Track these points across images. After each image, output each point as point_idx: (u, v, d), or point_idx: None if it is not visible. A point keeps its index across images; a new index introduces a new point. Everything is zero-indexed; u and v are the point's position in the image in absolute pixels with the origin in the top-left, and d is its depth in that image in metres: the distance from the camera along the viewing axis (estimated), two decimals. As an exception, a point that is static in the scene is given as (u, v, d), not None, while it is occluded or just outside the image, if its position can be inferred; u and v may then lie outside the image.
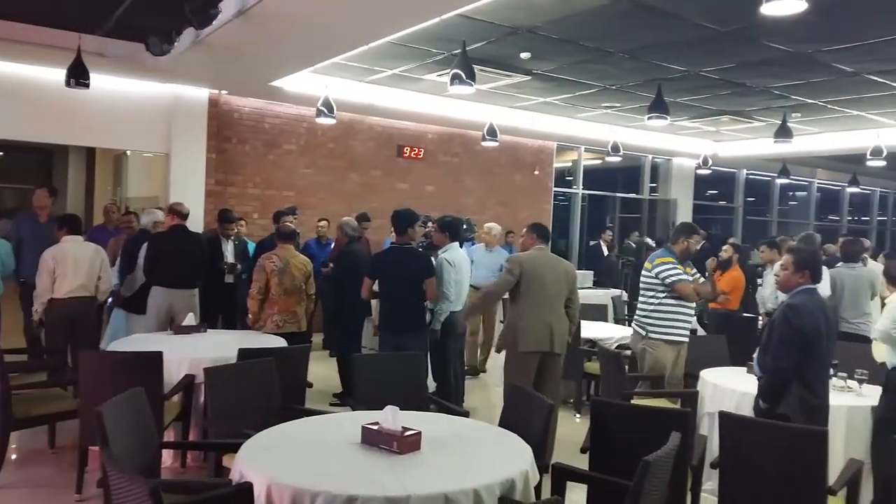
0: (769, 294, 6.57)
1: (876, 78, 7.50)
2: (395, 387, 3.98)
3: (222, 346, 4.69)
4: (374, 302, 6.87)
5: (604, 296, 9.13)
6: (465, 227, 7.83)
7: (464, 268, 5.78)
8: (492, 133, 9.41)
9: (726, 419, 3.22)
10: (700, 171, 13.23)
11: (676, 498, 3.09)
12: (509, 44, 6.78)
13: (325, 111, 7.96)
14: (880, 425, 3.97)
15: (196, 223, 8.36)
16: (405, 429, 2.83)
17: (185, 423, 4.33)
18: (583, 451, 3.43)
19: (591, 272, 11.38)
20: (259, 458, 2.66)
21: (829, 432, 3.05)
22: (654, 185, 14.44)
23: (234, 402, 3.65)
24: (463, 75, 6.13)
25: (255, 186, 9.55)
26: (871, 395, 4.18)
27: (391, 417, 2.86)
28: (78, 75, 6.51)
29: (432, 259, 5.58)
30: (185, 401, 4.31)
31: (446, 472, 2.62)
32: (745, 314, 7.38)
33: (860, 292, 6.26)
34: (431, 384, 5.36)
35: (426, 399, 4.17)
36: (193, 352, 4.55)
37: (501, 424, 3.41)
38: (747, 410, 4.09)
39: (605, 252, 11.91)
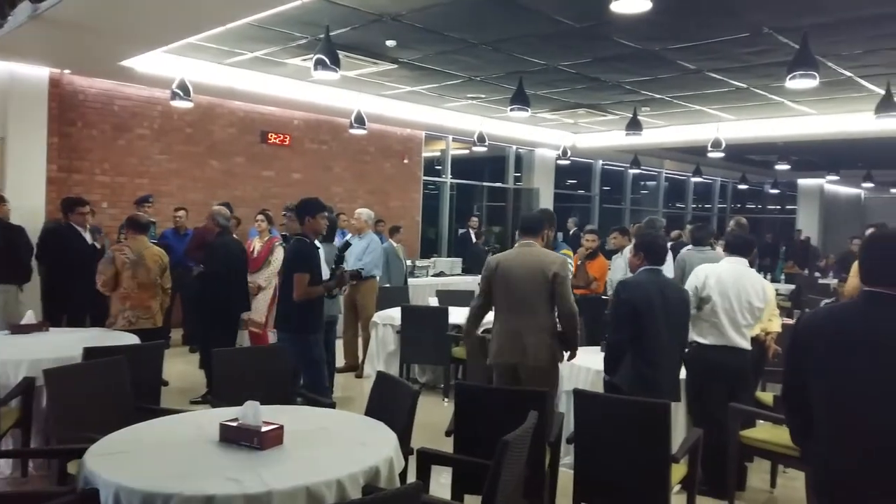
0: (618, 278, 6.97)
1: (715, 75, 8.12)
2: (258, 381, 3.87)
3: (66, 345, 4.37)
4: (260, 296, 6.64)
5: (472, 282, 9.34)
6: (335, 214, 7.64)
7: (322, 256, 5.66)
8: (359, 120, 9.33)
9: (579, 396, 3.40)
10: (560, 162, 13.81)
11: (535, 474, 3.22)
12: (374, 31, 6.73)
13: (181, 94, 7.56)
14: (688, 396, 4.38)
15: (36, 213, 7.72)
16: (266, 423, 2.77)
17: (26, 430, 4.00)
18: (447, 434, 3.49)
19: (460, 259, 11.66)
20: (106, 463, 2.50)
21: (670, 404, 3.28)
22: (518, 174, 14.91)
23: (80, 405, 3.41)
24: (327, 61, 6.03)
25: (104, 173, 8.90)
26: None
27: (251, 413, 2.78)
28: None
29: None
30: (25, 405, 3.98)
31: (309, 465, 2.58)
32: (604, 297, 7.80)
33: None
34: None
35: (291, 392, 4.09)
36: (33, 352, 4.21)
37: (368, 413, 3.41)
38: (601, 387, 4.34)
39: (473, 239, 12.21)
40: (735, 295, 4.29)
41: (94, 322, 6.20)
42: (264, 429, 2.73)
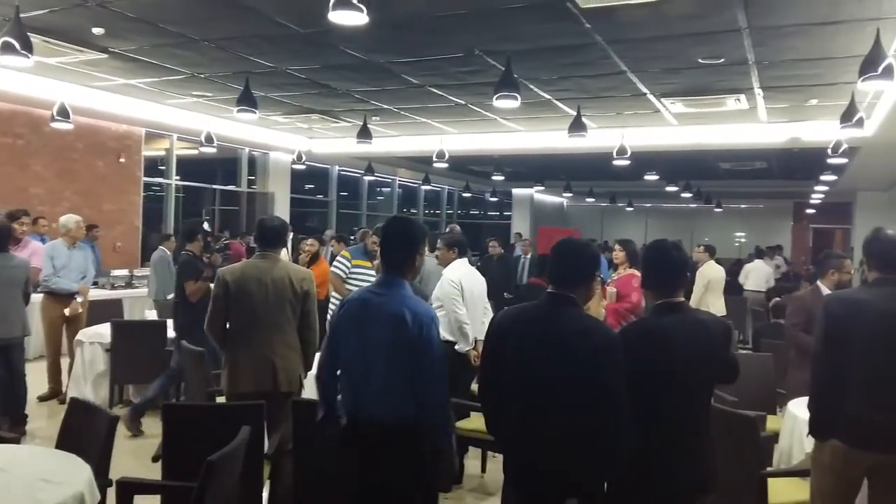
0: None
1: (436, 90, 8.62)
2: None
3: None
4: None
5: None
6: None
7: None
8: (63, 113, 8.33)
9: (296, 406, 3.37)
10: (296, 166, 13.69)
11: (251, 489, 3.12)
12: (78, 16, 6.05)
13: None
14: None
15: None
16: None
17: None
18: (154, 460, 3.25)
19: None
20: None
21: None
22: (252, 177, 14.47)
23: None
24: (16, 45, 5.30)
25: None
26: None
27: None
28: None
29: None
30: None
31: (-28, 514, 2.22)
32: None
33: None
34: None
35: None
36: None
37: (59, 445, 3.05)
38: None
39: (201, 246, 11.55)
40: (479, 293, 4.66)
41: None
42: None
